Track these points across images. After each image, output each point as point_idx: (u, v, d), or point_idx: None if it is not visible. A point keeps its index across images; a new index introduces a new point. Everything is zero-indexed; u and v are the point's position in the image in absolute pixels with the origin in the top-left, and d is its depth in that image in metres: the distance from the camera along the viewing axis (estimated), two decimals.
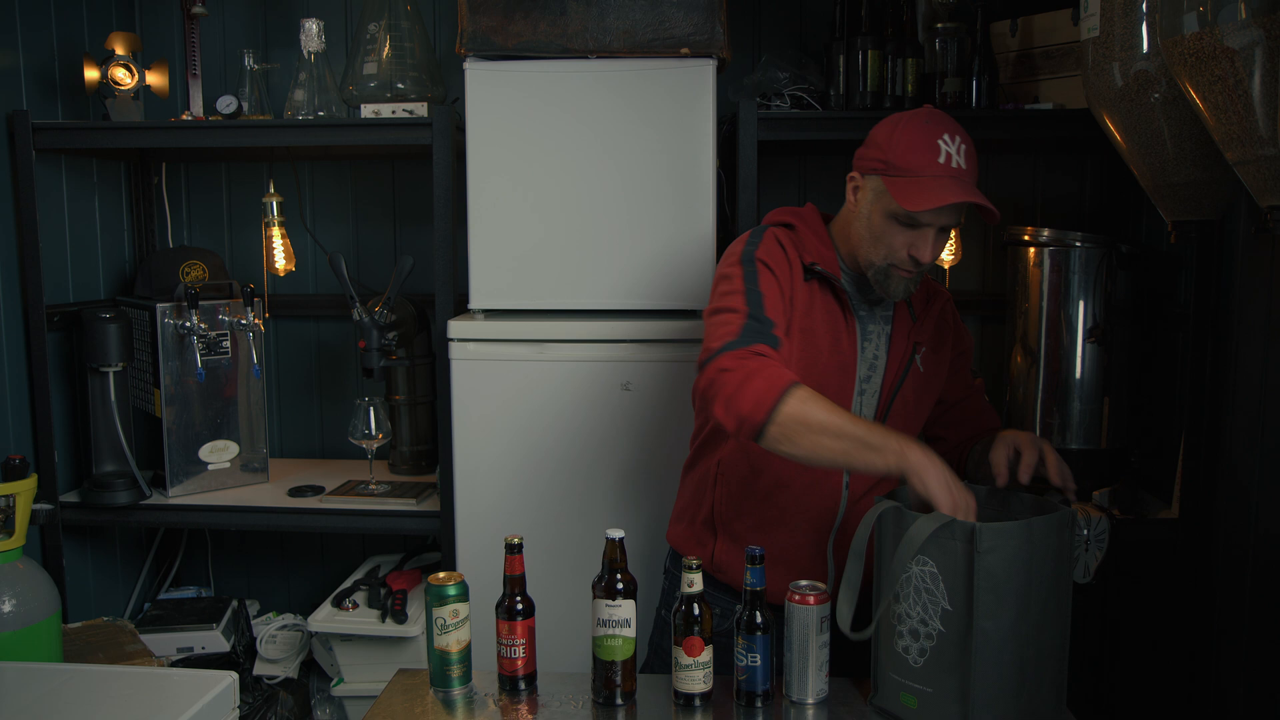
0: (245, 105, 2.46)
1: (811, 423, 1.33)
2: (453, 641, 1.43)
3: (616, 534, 1.39)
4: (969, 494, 1.32)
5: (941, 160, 1.47)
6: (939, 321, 1.68)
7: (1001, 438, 1.54)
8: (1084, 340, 2.23)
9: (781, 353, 1.45)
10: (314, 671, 2.58)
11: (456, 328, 2.12)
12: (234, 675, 1.54)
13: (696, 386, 1.43)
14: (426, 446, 2.60)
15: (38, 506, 1.89)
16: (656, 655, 1.71)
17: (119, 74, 2.40)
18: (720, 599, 1.63)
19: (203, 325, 2.40)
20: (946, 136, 1.48)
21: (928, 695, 1.30)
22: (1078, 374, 2.26)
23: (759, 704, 1.38)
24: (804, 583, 1.39)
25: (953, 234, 2.46)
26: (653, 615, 1.78)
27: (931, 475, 1.30)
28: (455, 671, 1.43)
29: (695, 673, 1.37)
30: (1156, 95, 1.59)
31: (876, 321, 1.62)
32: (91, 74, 2.38)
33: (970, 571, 1.24)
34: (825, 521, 1.59)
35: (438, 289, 2.22)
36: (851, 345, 1.57)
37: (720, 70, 2.09)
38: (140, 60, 2.45)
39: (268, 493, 2.48)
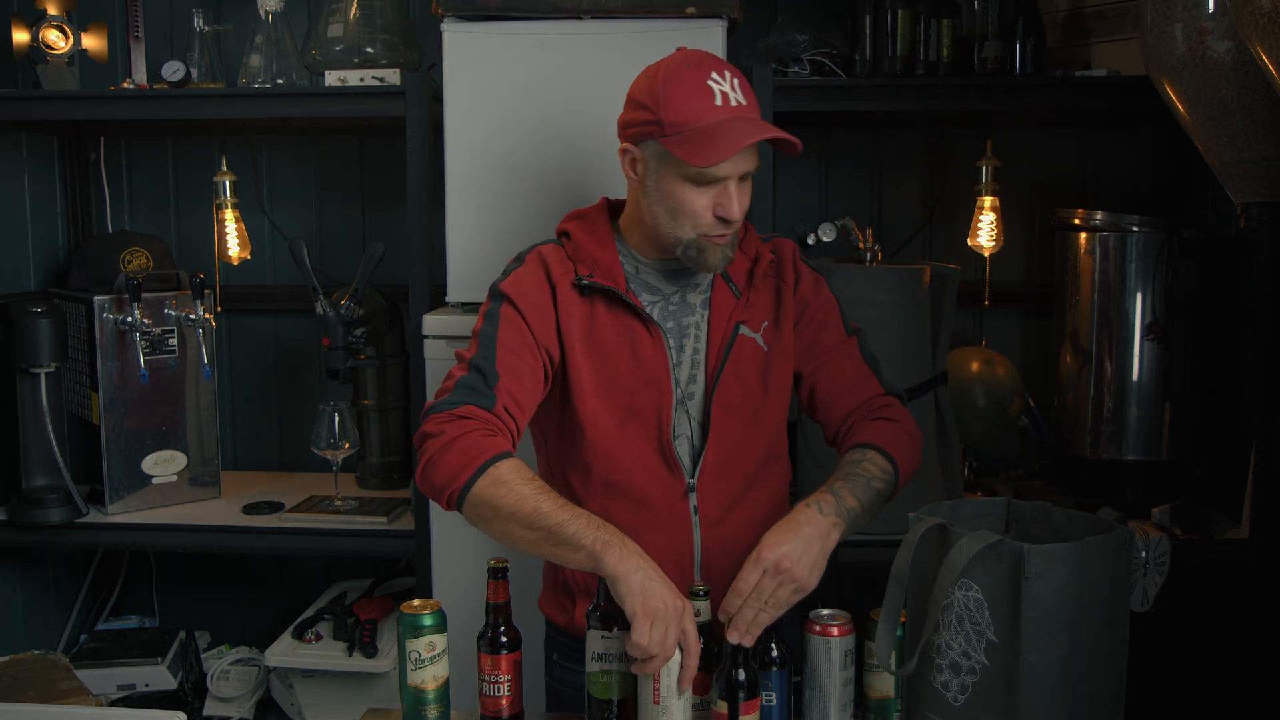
0: (194, 72, 2.45)
1: (501, 508, 1.36)
2: (429, 678, 1.43)
3: None
4: (677, 620, 1.29)
5: (719, 102, 1.43)
6: (776, 284, 1.61)
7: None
8: (1142, 337, 2.23)
9: (500, 413, 1.44)
10: (272, 711, 2.58)
11: (432, 323, 2.12)
12: (182, 716, 1.53)
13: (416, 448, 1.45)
14: (399, 457, 2.60)
15: None
16: None
17: (52, 36, 2.39)
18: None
19: (146, 320, 2.40)
20: (715, 74, 1.45)
21: None
22: (1135, 376, 2.25)
23: None
24: (825, 612, 1.39)
25: (993, 218, 2.46)
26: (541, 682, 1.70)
27: (628, 588, 1.28)
28: (431, 712, 1.43)
29: (702, 713, 1.37)
30: (1224, 61, 1.59)
31: (694, 313, 1.57)
32: (20, 36, 2.38)
33: (1017, 598, 1.24)
34: (682, 561, 1.53)
35: (411, 280, 2.22)
36: (657, 353, 1.52)
37: (731, 32, 2.09)
38: (76, 21, 2.44)
39: (220, 510, 2.48)
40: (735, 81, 1.46)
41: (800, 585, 1.37)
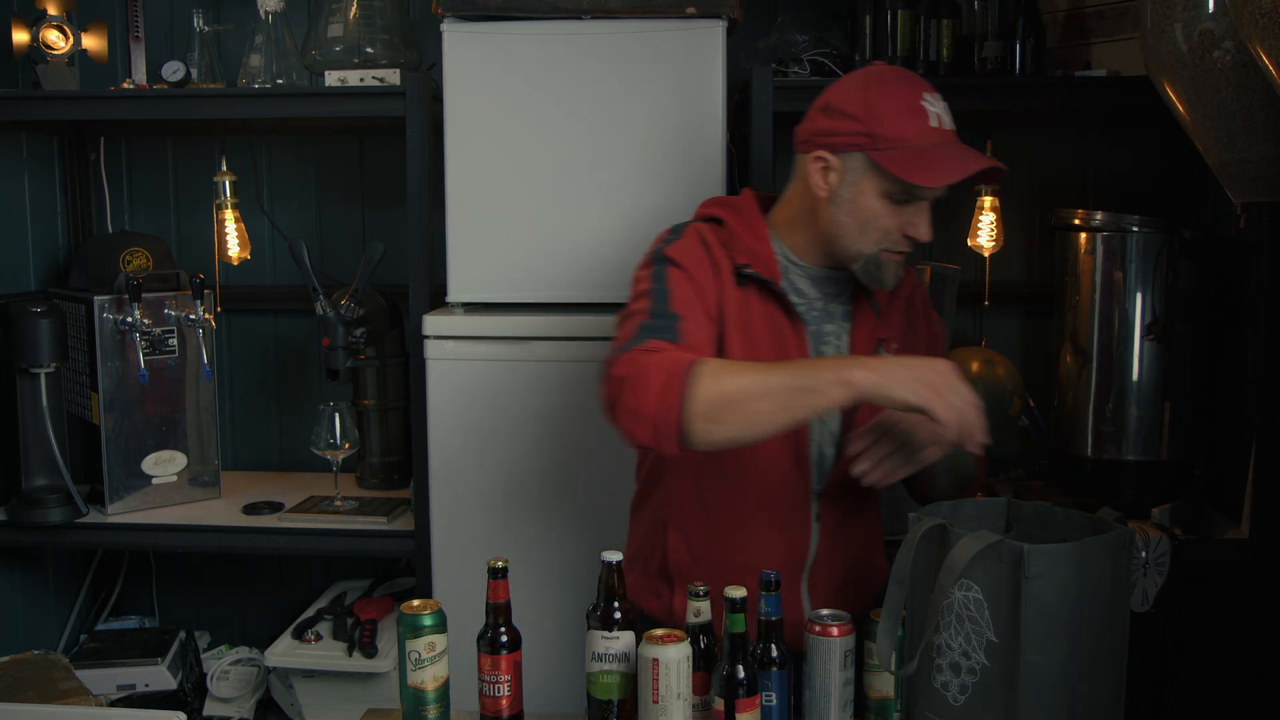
0: (194, 72, 2.45)
1: (733, 393, 1.29)
2: (429, 678, 1.43)
3: (614, 557, 1.39)
4: (954, 376, 1.26)
5: (933, 124, 1.45)
6: (907, 308, 1.63)
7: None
8: (1142, 337, 2.23)
9: (690, 342, 1.37)
10: (272, 711, 2.58)
11: (433, 323, 2.12)
12: (182, 716, 1.54)
13: (603, 409, 1.35)
14: (399, 457, 2.60)
15: None
16: None
17: (52, 36, 2.39)
18: None
19: (146, 321, 2.40)
20: (927, 96, 1.46)
21: None
22: (1135, 376, 2.25)
23: None
24: (825, 612, 1.39)
25: (993, 218, 2.46)
26: None
27: (901, 385, 1.25)
28: (431, 712, 1.43)
29: (702, 713, 1.37)
30: (1224, 61, 1.59)
31: (834, 321, 1.58)
32: (20, 36, 2.38)
33: (1017, 599, 1.24)
34: (796, 561, 1.56)
35: (411, 280, 2.22)
36: (801, 353, 1.53)
37: (731, 32, 2.09)
38: (76, 21, 2.45)
39: (220, 510, 2.48)
40: (943, 104, 1.48)
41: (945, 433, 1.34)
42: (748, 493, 1.54)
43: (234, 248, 2.65)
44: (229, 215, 2.64)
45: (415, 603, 1.44)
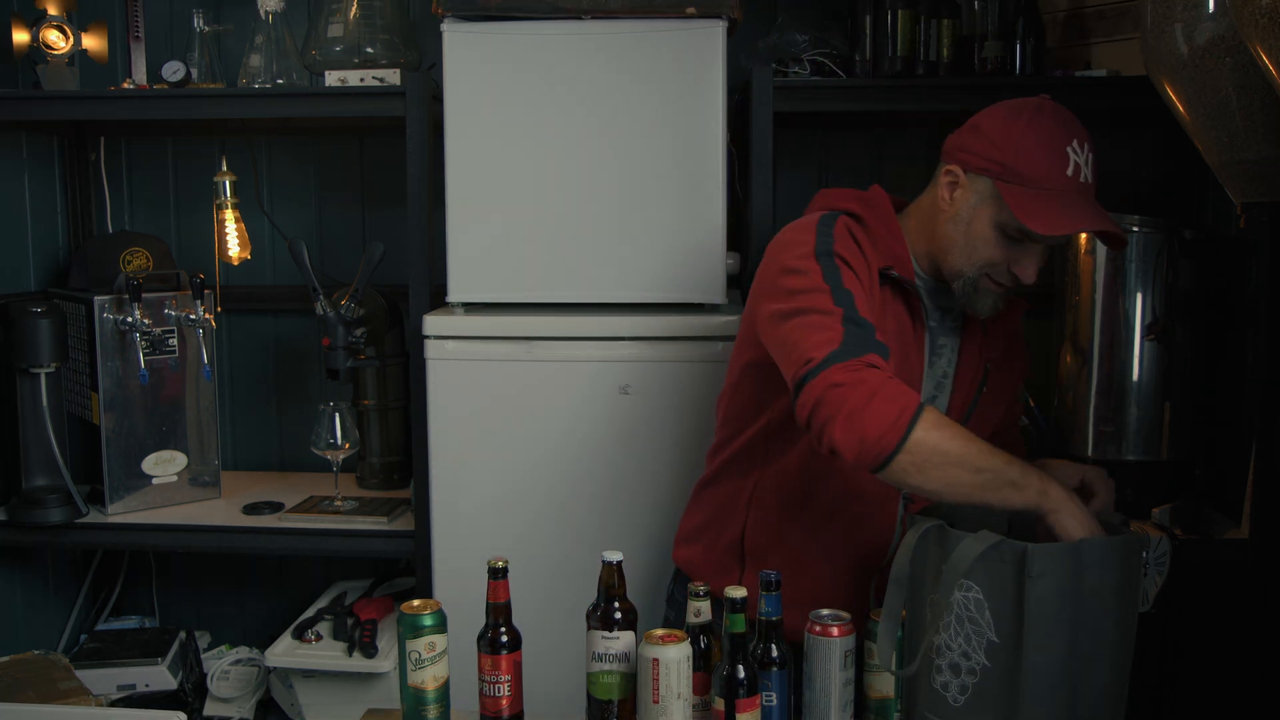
0: (194, 72, 2.45)
1: (949, 453, 1.30)
2: (429, 678, 1.43)
3: (614, 557, 1.39)
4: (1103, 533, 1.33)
5: (1070, 173, 1.43)
6: (1010, 335, 1.66)
7: (1063, 468, 1.50)
8: (1142, 337, 2.23)
9: (891, 363, 1.38)
10: (272, 711, 2.57)
11: (433, 323, 2.12)
12: (182, 716, 1.54)
13: (801, 404, 1.34)
14: (399, 458, 2.60)
15: None
16: None
17: (52, 36, 2.39)
18: None
19: (146, 321, 2.40)
20: (1076, 144, 1.44)
21: None
22: (1135, 376, 2.25)
23: None
24: (825, 612, 1.39)
25: None
26: None
27: (1071, 515, 1.30)
28: (432, 712, 1.43)
29: (702, 713, 1.37)
30: (1225, 61, 1.59)
31: (947, 333, 1.60)
32: (20, 36, 2.38)
33: (1020, 599, 1.24)
34: (873, 558, 1.58)
35: (412, 280, 2.22)
36: (919, 360, 1.56)
37: (731, 32, 2.09)
38: (76, 21, 2.44)
39: (220, 510, 2.48)
40: (1090, 156, 1.46)
41: None
42: (846, 486, 1.56)
43: (234, 248, 2.65)
44: (229, 215, 2.64)
45: (415, 603, 1.44)
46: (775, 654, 1.35)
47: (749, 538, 1.61)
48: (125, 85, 2.48)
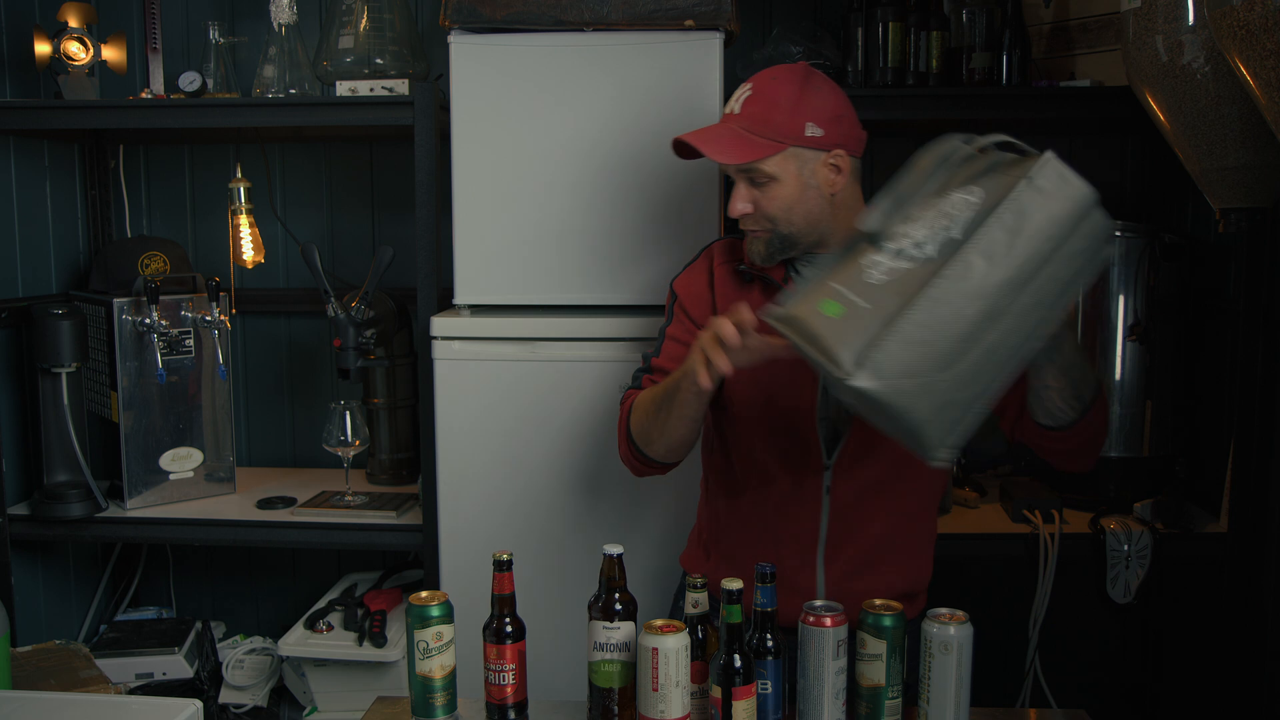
0: (210, 82, 2.46)
1: (645, 420, 1.55)
2: (436, 667, 1.43)
3: (614, 550, 1.39)
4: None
5: (726, 110, 1.56)
6: None
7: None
8: (1124, 338, 2.24)
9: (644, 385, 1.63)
10: (285, 699, 2.58)
11: (440, 325, 2.12)
12: (198, 704, 1.54)
13: None
14: (407, 454, 2.61)
15: None
16: None
17: (73, 48, 2.40)
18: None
19: (164, 322, 2.40)
20: (745, 82, 1.55)
21: (857, 309, 1.18)
22: (1117, 375, 2.26)
23: None
24: (819, 603, 1.39)
25: None
26: None
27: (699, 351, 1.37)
28: (439, 700, 1.43)
29: (700, 700, 1.37)
30: (1204, 71, 1.59)
31: None
32: (42, 48, 2.38)
33: (1004, 199, 1.16)
34: (808, 535, 1.58)
35: (420, 282, 2.22)
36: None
37: (728, 44, 2.09)
38: (96, 33, 2.45)
39: (235, 504, 2.48)
40: (746, 91, 1.53)
41: None
42: (767, 465, 1.57)
43: (248, 252, 2.65)
44: (244, 220, 2.64)
45: (423, 594, 1.44)
46: (771, 644, 1.36)
47: (706, 528, 1.68)
48: (143, 95, 2.48)
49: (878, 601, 1.39)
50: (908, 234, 1.22)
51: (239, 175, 2.64)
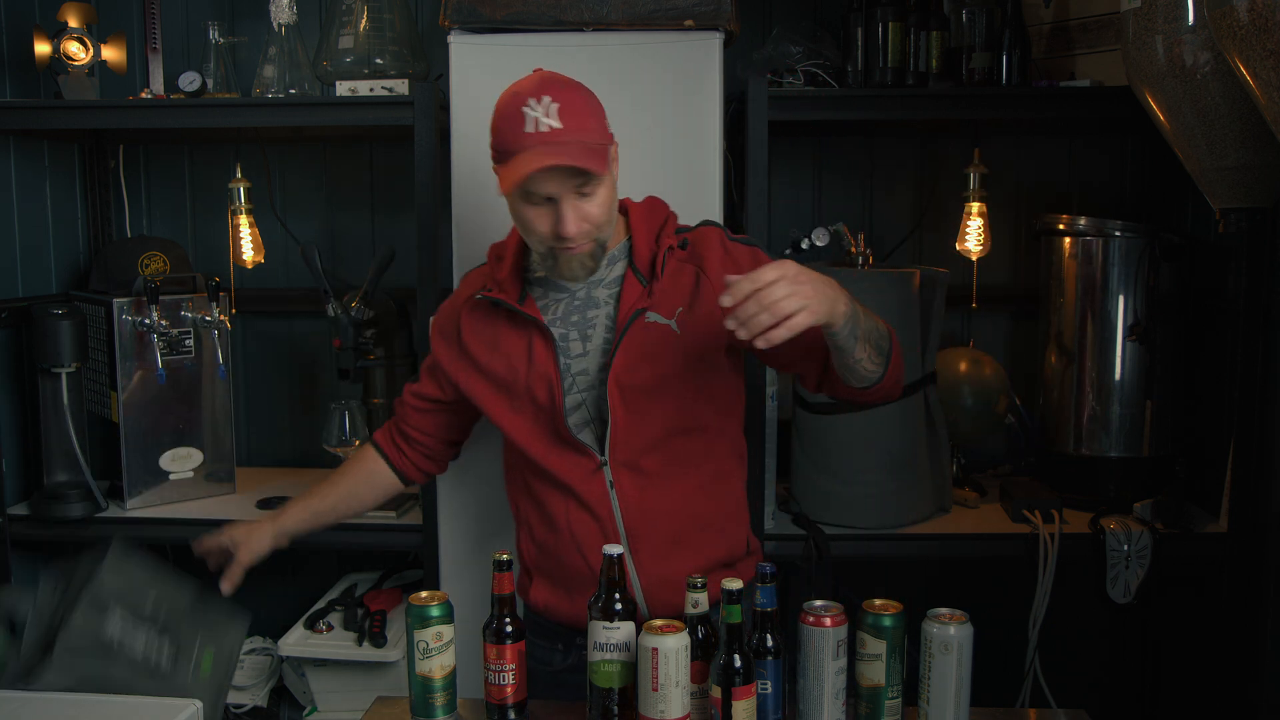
0: (210, 82, 2.46)
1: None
2: (436, 667, 1.43)
3: (615, 550, 1.39)
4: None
5: (529, 129, 1.44)
6: (696, 271, 1.59)
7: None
8: (1124, 338, 2.24)
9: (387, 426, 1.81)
10: (285, 699, 2.58)
11: None
12: (198, 704, 1.53)
13: None
14: None
15: None
16: None
17: (72, 48, 2.40)
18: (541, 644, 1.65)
19: (164, 322, 2.40)
20: (532, 100, 1.44)
21: None
22: (1117, 375, 2.26)
23: None
24: (819, 603, 1.39)
25: (980, 223, 2.46)
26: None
27: None
28: (439, 699, 1.43)
29: (700, 700, 1.37)
30: (1204, 71, 1.59)
31: (598, 305, 1.59)
32: (42, 48, 2.38)
33: None
34: (610, 532, 1.56)
35: (419, 283, 2.22)
36: (548, 352, 1.56)
37: (728, 44, 2.09)
38: (96, 33, 2.45)
39: (235, 505, 2.48)
40: (554, 106, 1.44)
41: (808, 305, 1.29)
42: (553, 480, 1.59)
43: (248, 252, 2.65)
44: (243, 220, 2.64)
45: (423, 594, 1.44)
46: (770, 644, 1.35)
47: (526, 553, 1.69)
48: (143, 95, 2.48)
49: (877, 602, 1.39)
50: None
51: (239, 175, 2.64)
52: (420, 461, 1.80)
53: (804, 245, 2.28)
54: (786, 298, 1.28)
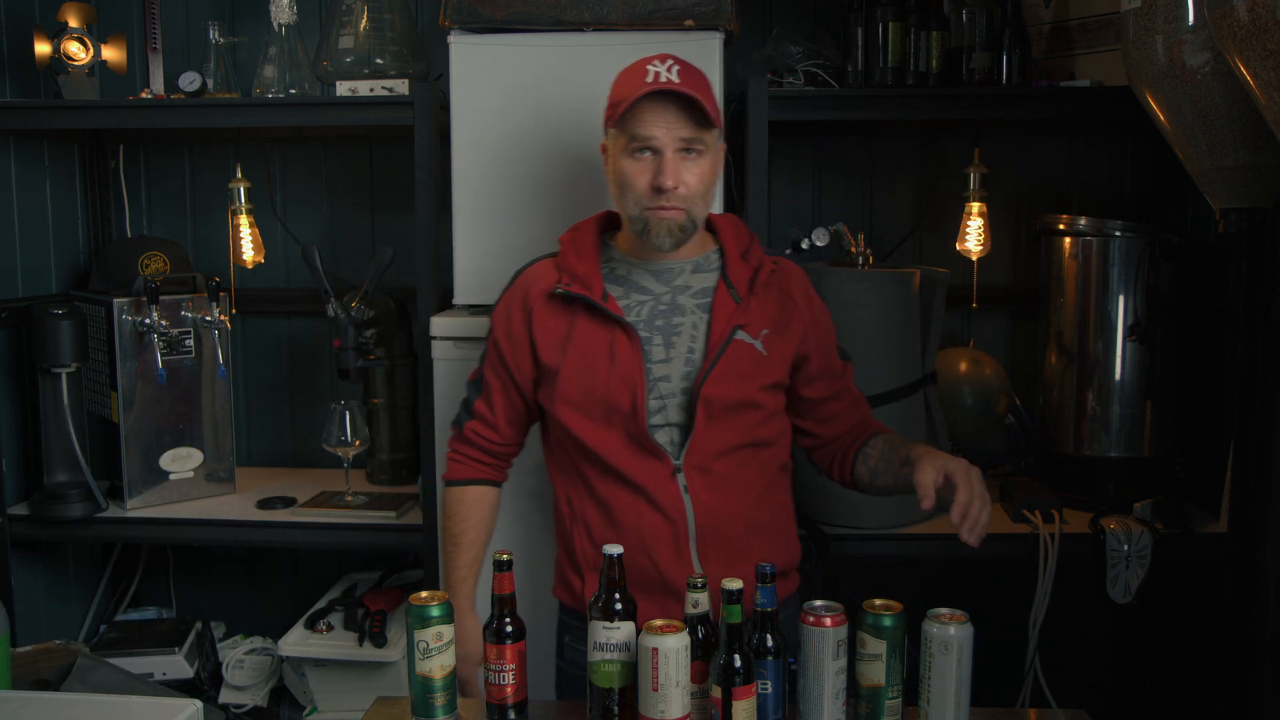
0: (210, 82, 2.46)
1: (444, 532, 1.74)
2: (436, 667, 1.43)
3: (615, 550, 1.39)
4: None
5: (649, 79, 1.51)
6: (782, 299, 1.63)
7: (929, 457, 1.51)
8: (1124, 338, 2.24)
9: (468, 433, 1.71)
10: (285, 699, 2.58)
11: (440, 325, 2.12)
12: (197, 704, 1.53)
13: None
14: (407, 454, 2.60)
15: None
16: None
17: (73, 48, 2.40)
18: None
19: (164, 322, 2.40)
20: (657, 61, 1.53)
21: None
22: (1117, 375, 2.26)
23: None
24: (819, 603, 1.39)
25: (980, 223, 2.46)
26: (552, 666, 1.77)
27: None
28: (439, 700, 1.43)
29: (700, 700, 1.37)
30: (1204, 71, 1.59)
31: (683, 313, 1.59)
32: (42, 48, 2.38)
33: None
34: (681, 534, 1.57)
35: (419, 283, 2.22)
36: (633, 354, 1.56)
37: (728, 44, 2.09)
38: (96, 33, 2.45)
39: (235, 504, 2.48)
40: (675, 67, 1.52)
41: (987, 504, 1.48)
42: (623, 482, 1.58)
43: (248, 252, 2.65)
44: (244, 220, 2.64)
45: (423, 594, 1.44)
46: (770, 644, 1.35)
47: (579, 549, 1.66)
48: (143, 95, 2.48)
49: (878, 602, 1.39)
50: None
51: (239, 175, 2.64)
52: (509, 464, 1.79)
53: (804, 245, 2.27)
54: (984, 510, 1.47)
